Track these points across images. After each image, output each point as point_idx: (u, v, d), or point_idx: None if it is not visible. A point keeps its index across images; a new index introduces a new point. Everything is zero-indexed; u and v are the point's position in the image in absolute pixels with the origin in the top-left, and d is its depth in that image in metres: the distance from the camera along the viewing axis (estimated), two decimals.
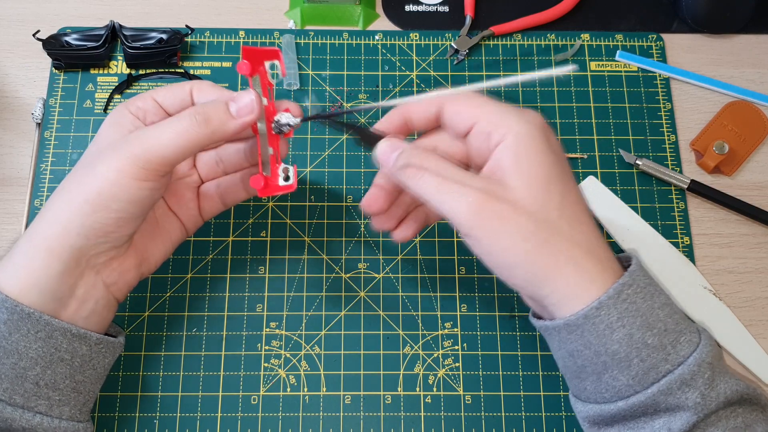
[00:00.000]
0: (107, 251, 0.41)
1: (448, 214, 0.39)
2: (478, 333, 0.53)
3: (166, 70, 0.60)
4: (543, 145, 0.40)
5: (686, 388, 0.39)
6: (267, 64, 0.43)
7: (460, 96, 0.42)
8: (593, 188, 0.57)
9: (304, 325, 0.53)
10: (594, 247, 0.40)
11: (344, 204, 0.57)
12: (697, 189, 0.57)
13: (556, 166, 0.40)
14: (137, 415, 0.50)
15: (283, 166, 0.44)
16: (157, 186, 0.40)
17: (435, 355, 0.53)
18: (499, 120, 0.40)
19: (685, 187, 0.57)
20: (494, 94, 0.44)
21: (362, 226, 0.56)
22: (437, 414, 0.51)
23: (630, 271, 0.40)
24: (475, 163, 0.44)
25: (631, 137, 0.59)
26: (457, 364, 0.52)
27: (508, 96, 0.60)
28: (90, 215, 0.39)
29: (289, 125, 0.44)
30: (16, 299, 0.39)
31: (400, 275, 0.55)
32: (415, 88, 0.61)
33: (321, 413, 0.51)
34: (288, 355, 0.52)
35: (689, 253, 0.56)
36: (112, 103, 0.59)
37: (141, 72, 0.60)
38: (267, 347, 0.52)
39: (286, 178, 0.44)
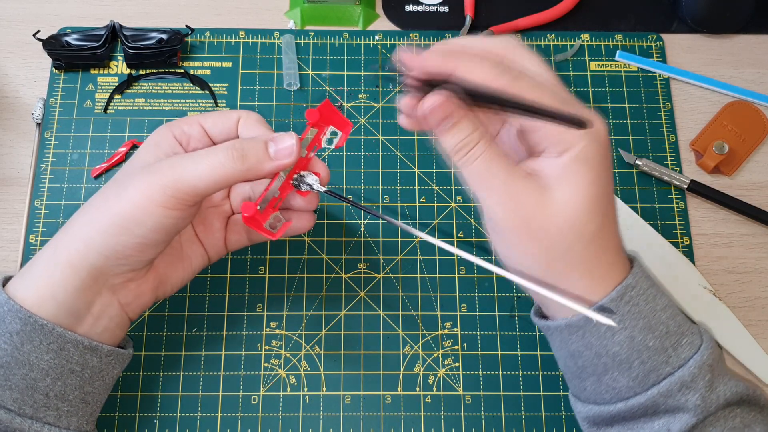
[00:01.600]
0: (126, 273, 0.41)
1: (482, 206, 0.39)
2: (478, 333, 0.53)
3: (167, 70, 0.60)
4: (599, 168, 0.38)
5: (686, 390, 0.39)
6: (330, 128, 0.43)
7: (527, 90, 0.36)
8: None
9: (304, 325, 0.53)
10: (610, 256, 0.39)
11: (344, 204, 0.57)
12: (697, 189, 0.57)
13: (605, 188, 0.38)
14: (137, 415, 0.50)
15: (276, 214, 0.43)
16: (183, 215, 0.40)
17: (435, 355, 0.53)
18: (564, 136, 0.37)
19: (685, 187, 0.57)
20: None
21: (362, 226, 0.56)
22: (437, 414, 0.51)
23: (633, 273, 0.40)
24: (516, 150, 0.42)
25: (630, 137, 0.59)
26: (457, 364, 0.52)
27: None
28: (112, 237, 0.39)
29: (310, 187, 0.43)
30: (32, 310, 0.39)
31: (400, 275, 0.55)
32: None
33: (321, 413, 0.51)
34: (288, 355, 0.52)
35: (689, 253, 0.56)
36: (112, 103, 0.59)
37: (141, 72, 0.60)
38: (267, 347, 0.53)
39: (273, 226, 0.42)
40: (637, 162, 0.57)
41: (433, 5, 0.64)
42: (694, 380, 0.39)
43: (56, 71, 0.60)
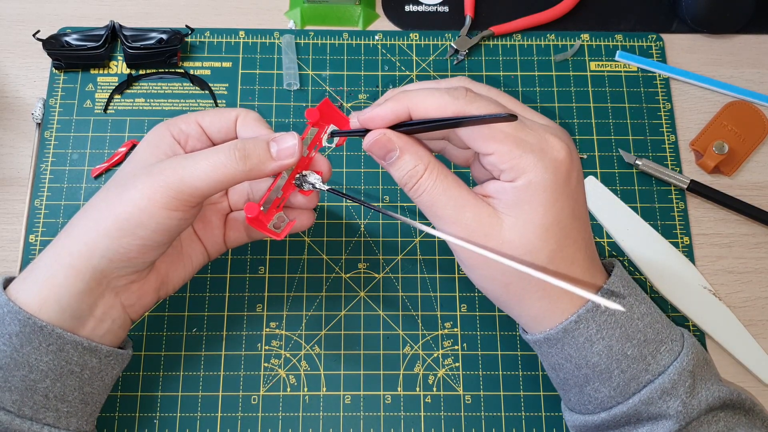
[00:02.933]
0: (129, 275, 0.41)
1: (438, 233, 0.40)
2: (478, 333, 0.53)
3: (166, 70, 0.60)
4: (555, 194, 0.37)
5: (667, 397, 0.39)
6: (331, 126, 0.42)
7: (484, 108, 0.37)
8: (593, 188, 0.57)
9: (304, 325, 0.53)
10: (574, 273, 0.39)
11: (344, 204, 0.57)
12: (697, 189, 0.57)
13: (564, 211, 0.38)
14: (137, 415, 0.50)
15: (280, 214, 0.43)
16: (185, 216, 0.40)
17: (435, 355, 0.53)
18: (516, 162, 0.37)
19: (685, 187, 0.57)
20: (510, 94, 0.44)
21: (362, 225, 0.56)
22: (437, 414, 0.51)
23: (609, 283, 0.40)
24: (475, 174, 0.43)
25: (631, 137, 0.59)
26: (457, 364, 0.52)
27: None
28: (115, 240, 0.39)
29: (312, 186, 0.43)
30: (35, 313, 0.39)
31: (400, 275, 0.55)
32: None
33: (321, 413, 0.51)
34: (288, 355, 0.52)
35: (689, 253, 0.56)
36: (111, 103, 0.59)
37: (141, 72, 0.60)
38: (267, 347, 0.52)
39: (277, 227, 0.43)
40: (636, 162, 0.57)
41: (433, 5, 0.64)
42: (675, 387, 0.39)
43: (56, 71, 0.60)
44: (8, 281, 0.41)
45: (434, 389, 0.52)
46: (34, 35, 0.58)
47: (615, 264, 0.43)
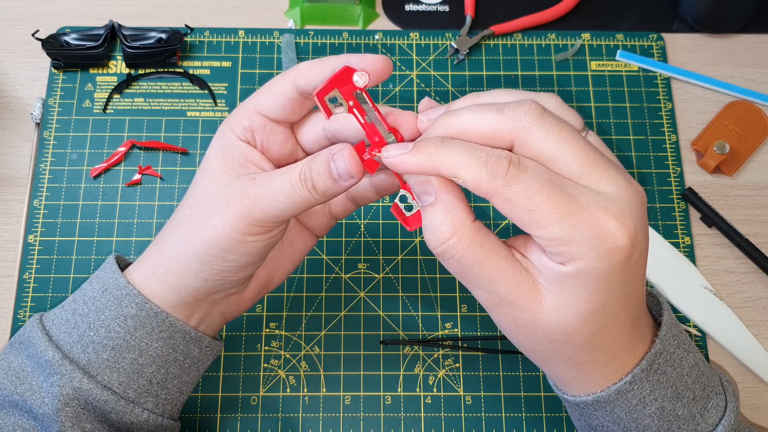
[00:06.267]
0: (227, 289, 0.41)
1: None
2: (479, 333, 0.53)
3: (166, 69, 0.60)
4: (606, 282, 0.33)
5: None
6: (357, 75, 0.37)
7: (522, 197, 0.31)
8: None
9: (303, 325, 0.53)
10: (615, 348, 0.36)
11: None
12: (694, 200, 0.56)
13: (614, 296, 0.33)
14: None
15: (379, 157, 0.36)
16: (272, 235, 0.39)
17: (435, 355, 0.52)
18: (565, 249, 0.32)
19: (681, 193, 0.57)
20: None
21: (362, 226, 0.56)
22: (437, 415, 0.51)
23: (661, 337, 0.37)
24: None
25: (631, 137, 0.59)
26: (457, 365, 0.52)
27: None
28: (206, 264, 0.39)
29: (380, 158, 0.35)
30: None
31: (400, 275, 0.55)
32: (415, 88, 0.60)
33: (321, 414, 0.51)
34: (288, 356, 0.52)
35: (690, 253, 0.56)
36: (111, 103, 0.59)
37: (140, 72, 0.60)
38: (267, 348, 0.52)
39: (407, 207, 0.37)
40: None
41: (433, 4, 0.64)
42: None
43: (55, 71, 0.60)
44: (121, 266, 0.42)
45: (434, 390, 0.52)
46: (33, 35, 0.58)
47: (662, 312, 0.39)
